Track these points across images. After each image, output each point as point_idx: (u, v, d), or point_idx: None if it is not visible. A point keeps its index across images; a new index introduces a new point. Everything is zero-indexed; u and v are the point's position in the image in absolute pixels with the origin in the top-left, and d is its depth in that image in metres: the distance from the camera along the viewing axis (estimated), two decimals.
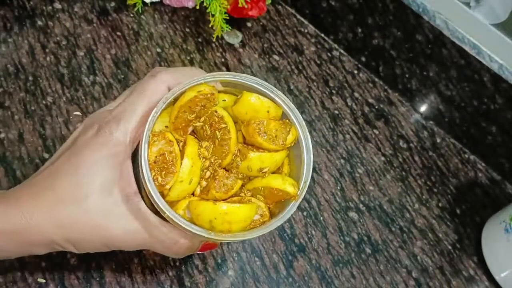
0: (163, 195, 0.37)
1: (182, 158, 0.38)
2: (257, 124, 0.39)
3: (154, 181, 0.37)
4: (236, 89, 0.41)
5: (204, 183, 0.39)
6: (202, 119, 0.40)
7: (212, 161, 0.39)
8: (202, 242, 0.41)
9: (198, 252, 0.46)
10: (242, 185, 0.40)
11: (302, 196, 0.39)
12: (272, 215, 0.40)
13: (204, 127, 0.40)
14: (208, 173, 0.39)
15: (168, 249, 0.39)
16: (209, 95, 0.39)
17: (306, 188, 0.39)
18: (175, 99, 0.39)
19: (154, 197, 0.36)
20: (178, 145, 0.39)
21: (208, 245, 0.42)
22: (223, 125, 0.39)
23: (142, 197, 0.38)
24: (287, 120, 0.41)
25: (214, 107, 0.40)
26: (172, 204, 0.38)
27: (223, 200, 0.39)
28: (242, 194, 0.40)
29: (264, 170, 0.40)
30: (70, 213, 0.37)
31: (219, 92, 0.41)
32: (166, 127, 0.40)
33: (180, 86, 0.38)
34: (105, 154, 0.37)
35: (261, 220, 0.39)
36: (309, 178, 0.39)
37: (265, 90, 0.40)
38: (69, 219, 0.37)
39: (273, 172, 0.41)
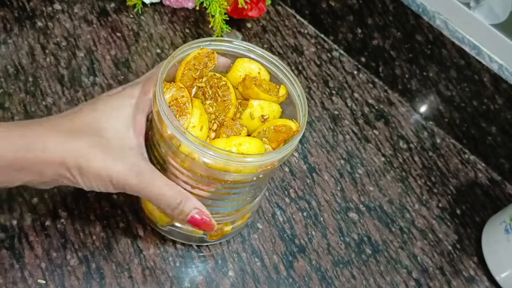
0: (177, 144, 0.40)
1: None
2: (252, 77, 0.45)
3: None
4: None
5: (213, 134, 0.43)
6: (204, 79, 0.44)
7: (217, 114, 0.43)
8: (196, 209, 0.42)
9: (192, 228, 0.46)
10: (248, 135, 0.44)
11: (303, 129, 0.43)
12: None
13: (206, 88, 0.44)
14: (215, 125, 0.43)
15: (161, 195, 0.41)
16: (209, 53, 0.44)
17: (306, 122, 0.43)
18: (179, 61, 0.44)
19: (178, 127, 0.39)
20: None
21: (203, 222, 0.43)
22: (223, 83, 0.44)
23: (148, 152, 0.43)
24: (273, 84, 0.46)
25: (212, 67, 0.45)
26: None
27: None
28: None
29: (265, 117, 0.44)
30: (87, 140, 0.40)
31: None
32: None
33: (183, 47, 0.43)
34: (123, 103, 0.42)
35: None
36: (307, 112, 0.44)
37: (256, 58, 0.47)
38: (85, 144, 0.40)
39: None
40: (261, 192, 0.50)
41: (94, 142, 0.40)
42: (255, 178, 0.43)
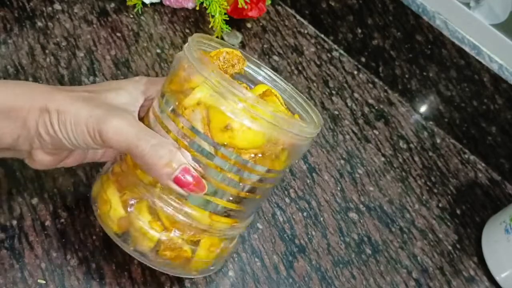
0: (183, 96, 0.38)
1: None
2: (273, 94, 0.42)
3: None
4: None
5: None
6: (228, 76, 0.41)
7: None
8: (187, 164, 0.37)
9: (181, 189, 0.38)
10: None
11: (318, 130, 0.41)
12: None
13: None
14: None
15: (143, 142, 0.37)
16: (241, 58, 0.42)
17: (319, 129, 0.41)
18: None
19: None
20: None
21: (194, 179, 0.37)
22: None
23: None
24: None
25: (239, 71, 0.43)
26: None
27: None
28: None
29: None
30: (78, 94, 0.39)
31: None
32: None
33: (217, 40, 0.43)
34: (129, 84, 0.42)
35: None
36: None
37: (277, 89, 0.45)
38: (74, 95, 0.39)
39: None
40: (248, 217, 0.44)
41: (83, 95, 0.39)
42: (252, 157, 0.38)
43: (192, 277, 0.47)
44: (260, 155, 0.38)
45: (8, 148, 0.40)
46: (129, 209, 0.40)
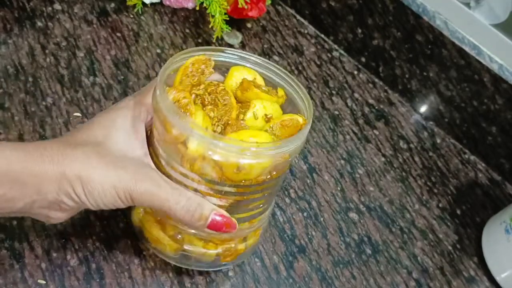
0: (184, 147, 0.39)
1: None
2: (249, 80, 0.44)
3: None
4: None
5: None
6: (202, 86, 0.43)
7: (219, 118, 0.43)
8: (212, 210, 0.40)
9: (211, 231, 0.42)
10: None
11: (311, 119, 0.42)
12: None
13: (205, 95, 0.43)
14: (219, 128, 0.42)
15: (174, 202, 0.39)
16: (206, 60, 0.44)
17: (312, 113, 0.43)
18: (175, 70, 0.43)
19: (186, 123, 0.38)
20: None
21: (226, 222, 0.41)
22: (221, 88, 0.43)
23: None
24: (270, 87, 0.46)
25: (209, 74, 0.44)
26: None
27: None
28: None
29: (269, 116, 0.44)
30: (87, 149, 0.38)
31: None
32: None
33: (176, 56, 0.43)
34: (120, 114, 0.42)
35: None
36: (311, 103, 0.43)
37: (250, 66, 0.46)
38: (85, 154, 0.38)
39: None
40: (271, 203, 0.49)
41: (93, 152, 0.38)
42: (268, 176, 0.42)
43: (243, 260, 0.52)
44: (274, 172, 0.42)
45: (23, 211, 0.39)
46: (179, 238, 0.46)
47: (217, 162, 0.38)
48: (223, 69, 0.46)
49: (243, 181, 0.40)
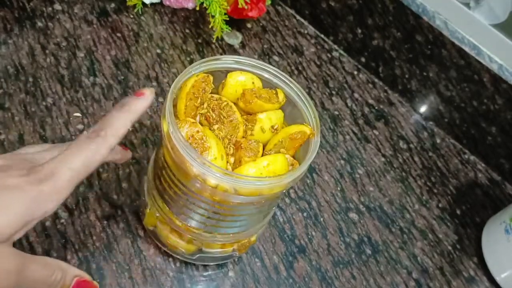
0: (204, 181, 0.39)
1: None
2: (250, 90, 0.44)
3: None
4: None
5: (231, 159, 0.42)
6: (205, 104, 0.43)
7: (229, 137, 0.43)
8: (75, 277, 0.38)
9: None
10: (263, 149, 0.44)
11: (319, 131, 0.43)
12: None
13: (209, 113, 0.43)
14: (231, 149, 0.43)
15: (39, 276, 0.35)
16: (205, 77, 0.43)
17: (319, 124, 0.43)
18: (175, 96, 0.42)
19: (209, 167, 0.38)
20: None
21: (87, 285, 0.39)
22: (224, 103, 0.44)
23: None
24: (269, 89, 0.46)
25: (210, 90, 0.44)
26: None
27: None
28: (267, 153, 0.44)
29: (275, 127, 0.44)
30: None
31: None
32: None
33: (178, 80, 0.42)
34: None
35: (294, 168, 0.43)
36: (316, 114, 0.44)
37: (247, 68, 0.46)
38: None
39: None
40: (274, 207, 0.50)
41: None
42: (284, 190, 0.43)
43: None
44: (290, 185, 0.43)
45: None
46: (197, 243, 0.47)
47: (237, 191, 0.39)
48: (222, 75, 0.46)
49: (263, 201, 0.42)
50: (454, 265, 0.61)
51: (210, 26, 0.68)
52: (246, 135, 0.44)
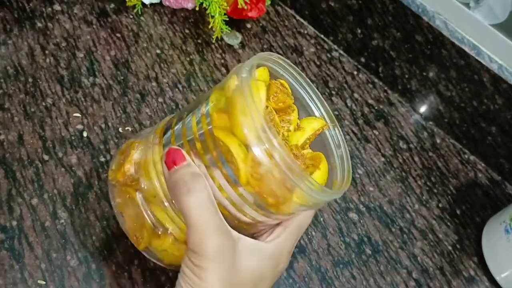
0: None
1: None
2: (281, 85, 0.44)
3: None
4: None
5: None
6: (272, 117, 0.41)
7: (289, 144, 0.41)
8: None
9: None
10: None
11: (336, 124, 0.45)
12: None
13: (278, 127, 0.41)
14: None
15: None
16: (279, 85, 0.43)
17: (333, 117, 0.45)
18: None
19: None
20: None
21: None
22: (274, 115, 0.41)
23: None
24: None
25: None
26: None
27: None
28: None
29: (298, 124, 0.44)
30: None
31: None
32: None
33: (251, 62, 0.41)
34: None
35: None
36: (328, 107, 0.45)
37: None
38: None
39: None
40: None
41: None
42: None
43: None
44: None
45: None
46: None
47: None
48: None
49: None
50: (454, 265, 0.61)
51: (209, 27, 0.68)
52: (284, 137, 0.41)
